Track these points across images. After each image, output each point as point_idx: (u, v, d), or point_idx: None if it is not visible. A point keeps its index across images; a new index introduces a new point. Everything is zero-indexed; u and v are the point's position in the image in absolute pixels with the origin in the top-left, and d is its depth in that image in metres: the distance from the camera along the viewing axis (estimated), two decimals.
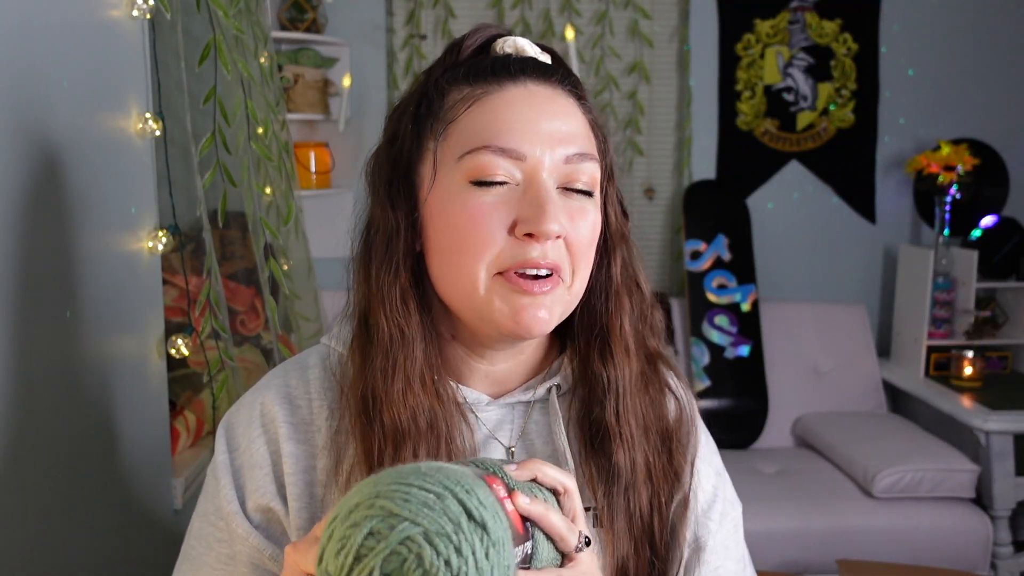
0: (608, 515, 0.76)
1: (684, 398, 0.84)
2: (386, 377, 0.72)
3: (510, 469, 0.61)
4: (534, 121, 0.70)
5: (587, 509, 0.76)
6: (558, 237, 0.70)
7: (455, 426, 0.74)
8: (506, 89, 0.72)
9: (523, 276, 0.70)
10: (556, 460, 0.77)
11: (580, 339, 0.80)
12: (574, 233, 0.71)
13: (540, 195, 0.69)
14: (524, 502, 0.58)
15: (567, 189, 0.72)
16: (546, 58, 0.78)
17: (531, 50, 0.77)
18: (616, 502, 0.76)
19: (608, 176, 0.78)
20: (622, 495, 0.76)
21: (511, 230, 0.69)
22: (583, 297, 0.77)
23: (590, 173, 0.72)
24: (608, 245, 0.79)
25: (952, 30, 3.17)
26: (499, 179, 0.69)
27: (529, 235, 0.69)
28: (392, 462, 0.70)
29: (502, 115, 0.70)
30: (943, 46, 3.18)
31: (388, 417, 0.71)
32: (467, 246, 0.70)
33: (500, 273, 0.70)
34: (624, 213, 0.81)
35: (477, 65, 0.74)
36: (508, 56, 0.75)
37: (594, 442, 0.77)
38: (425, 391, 0.73)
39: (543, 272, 0.70)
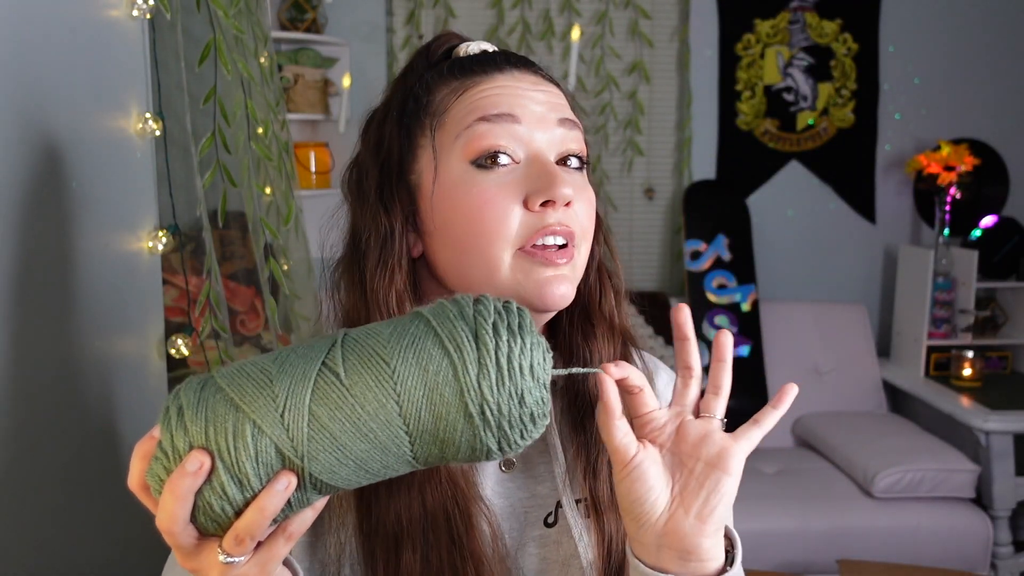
0: (602, 500, 0.76)
1: (655, 380, 0.85)
2: None
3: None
4: (524, 95, 0.73)
5: (577, 501, 0.77)
6: (568, 204, 0.71)
7: None
8: (493, 76, 0.74)
9: (544, 247, 0.71)
10: (548, 453, 0.78)
11: (564, 319, 0.80)
12: (578, 204, 0.73)
13: (546, 166, 0.71)
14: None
15: (563, 163, 0.74)
16: None
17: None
18: (603, 485, 0.76)
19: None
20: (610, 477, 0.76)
21: (524, 204, 0.70)
22: None
23: (579, 143, 0.75)
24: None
25: (952, 30, 3.17)
26: (499, 150, 0.71)
27: (543, 204, 0.70)
28: None
29: (492, 92, 0.73)
30: (943, 46, 3.18)
31: None
32: (483, 229, 0.70)
33: (521, 248, 0.71)
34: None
35: (461, 62, 0.76)
36: (492, 52, 0.77)
37: (584, 423, 0.77)
38: None
39: (560, 241, 0.71)
